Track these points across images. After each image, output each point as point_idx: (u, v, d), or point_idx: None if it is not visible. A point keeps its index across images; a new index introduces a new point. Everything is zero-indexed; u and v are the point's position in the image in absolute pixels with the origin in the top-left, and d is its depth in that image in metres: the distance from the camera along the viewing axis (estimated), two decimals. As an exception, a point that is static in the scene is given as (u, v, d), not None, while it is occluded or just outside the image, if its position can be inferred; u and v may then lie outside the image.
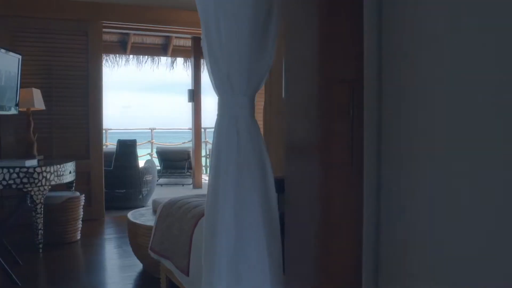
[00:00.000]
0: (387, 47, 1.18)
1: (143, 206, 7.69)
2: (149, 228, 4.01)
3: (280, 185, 1.70)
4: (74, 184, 5.70)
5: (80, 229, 5.43)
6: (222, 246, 1.65)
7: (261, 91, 1.93)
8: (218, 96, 1.77)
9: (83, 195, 5.47)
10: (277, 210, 1.68)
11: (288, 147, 1.41)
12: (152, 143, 12.85)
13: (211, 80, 1.75)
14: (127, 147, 7.60)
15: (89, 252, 5.13)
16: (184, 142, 13.29)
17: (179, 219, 3.39)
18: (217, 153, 1.69)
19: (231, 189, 1.64)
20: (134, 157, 7.64)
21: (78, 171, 5.81)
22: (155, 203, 4.63)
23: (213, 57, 1.69)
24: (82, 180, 6.25)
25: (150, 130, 13.06)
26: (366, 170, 1.19)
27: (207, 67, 1.78)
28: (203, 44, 1.73)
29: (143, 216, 4.44)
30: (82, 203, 5.42)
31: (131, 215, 4.47)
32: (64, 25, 6.31)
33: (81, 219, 5.44)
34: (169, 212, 3.59)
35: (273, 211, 1.66)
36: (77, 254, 5.12)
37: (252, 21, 1.60)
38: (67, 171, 5.27)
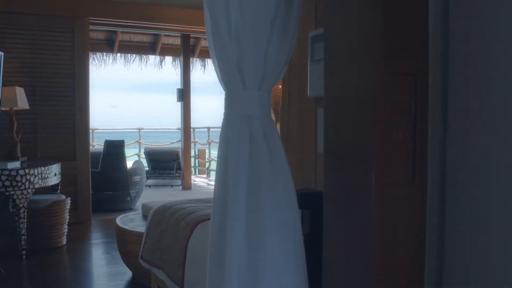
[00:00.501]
0: (456, 30, 0.94)
1: (131, 209, 7.43)
2: (139, 234, 3.76)
3: (302, 200, 1.44)
4: (59, 187, 5.42)
5: (65, 233, 5.16)
6: (232, 277, 1.37)
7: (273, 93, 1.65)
8: (225, 90, 1.46)
9: (69, 198, 5.20)
10: (301, 231, 1.43)
11: (328, 156, 1.14)
12: (139, 143, 12.55)
13: (216, 73, 1.46)
14: (114, 148, 7.32)
15: (75, 259, 4.86)
16: (172, 142, 13.01)
17: (173, 227, 3.15)
18: (224, 161, 1.39)
19: (243, 206, 1.35)
20: (122, 158, 7.37)
21: (64, 173, 5.53)
22: (145, 208, 4.38)
23: (219, 46, 1.39)
24: (68, 182, 5.97)
25: (137, 130, 12.74)
26: (430, 192, 0.96)
27: (212, 60, 1.49)
28: (208, 32, 1.45)
29: (132, 221, 4.19)
30: (68, 207, 5.15)
31: (120, 220, 4.22)
32: (49, 21, 6.01)
33: (67, 223, 5.16)
34: (161, 219, 3.35)
35: (296, 232, 1.39)
36: (63, 260, 4.85)
37: (270, 3, 1.35)
38: (52, 173, 5.00)
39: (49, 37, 6.02)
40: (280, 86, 6.26)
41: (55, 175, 5.07)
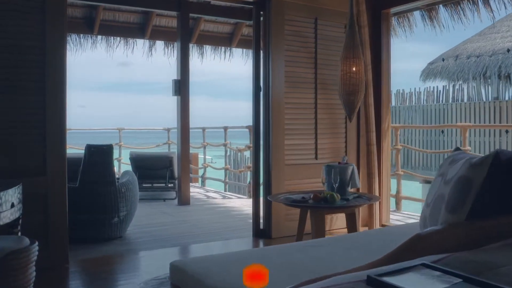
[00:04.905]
0: None
1: (121, 237, 5.33)
2: None
3: None
4: (20, 222, 3.30)
5: (30, 300, 3.05)
6: None
7: None
8: None
9: (36, 243, 3.08)
10: None
11: None
12: (120, 146, 10.37)
13: None
14: (100, 155, 5.19)
15: None
16: (158, 144, 10.90)
17: None
18: None
19: None
20: (109, 168, 5.24)
21: (28, 192, 3.44)
22: (176, 272, 2.36)
23: None
24: (34, 207, 3.84)
25: (117, 131, 10.52)
26: None
27: None
28: None
29: (159, 305, 2.15)
30: (35, 257, 3.04)
31: (134, 300, 2.18)
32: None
33: (32, 281, 3.06)
34: None
35: None
36: None
37: None
38: (8, 204, 2.90)
39: (7, -8, 3.89)
40: (354, 68, 4.28)
41: (13, 206, 2.97)
